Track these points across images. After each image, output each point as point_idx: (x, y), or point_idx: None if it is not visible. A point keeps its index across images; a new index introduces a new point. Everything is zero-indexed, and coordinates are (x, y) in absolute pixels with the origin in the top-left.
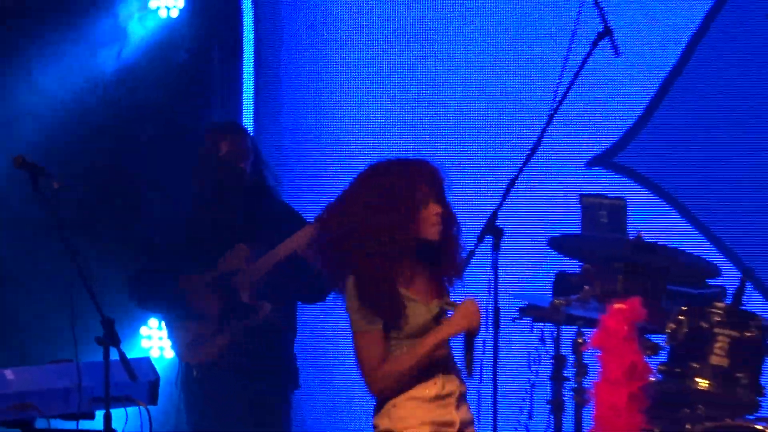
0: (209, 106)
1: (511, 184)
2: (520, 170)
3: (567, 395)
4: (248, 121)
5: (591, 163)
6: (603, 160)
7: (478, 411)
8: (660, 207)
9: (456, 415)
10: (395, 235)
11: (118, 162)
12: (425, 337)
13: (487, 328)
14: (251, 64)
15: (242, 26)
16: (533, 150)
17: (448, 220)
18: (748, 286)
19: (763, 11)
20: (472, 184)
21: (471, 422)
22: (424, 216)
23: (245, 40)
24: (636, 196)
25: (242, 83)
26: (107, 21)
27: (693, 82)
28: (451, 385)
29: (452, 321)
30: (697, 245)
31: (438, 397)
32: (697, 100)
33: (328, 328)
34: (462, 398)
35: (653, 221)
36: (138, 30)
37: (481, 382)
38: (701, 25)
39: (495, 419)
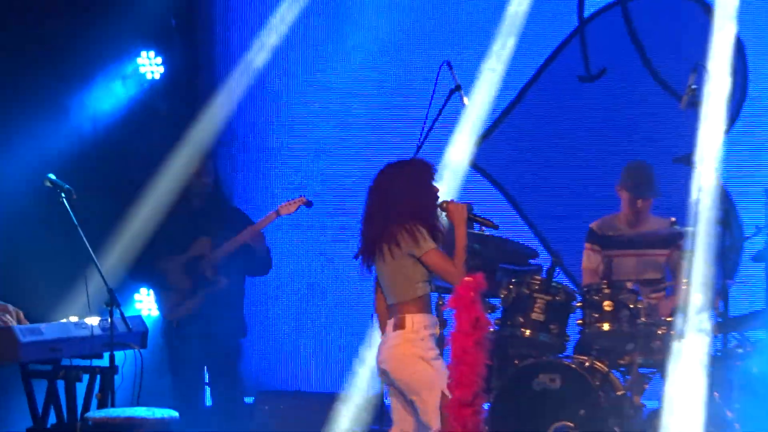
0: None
1: None
2: None
3: None
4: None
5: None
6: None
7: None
8: (500, 201)
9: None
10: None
11: (118, 182)
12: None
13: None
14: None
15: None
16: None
17: None
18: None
19: None
20: None
21: None
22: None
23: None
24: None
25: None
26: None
27: (534, 103)
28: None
29: (457, 223)
30: (524, 233)
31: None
32: (539, 115)
33: (271, 294)
34: None
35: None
36: (128, 89)
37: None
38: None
39: None
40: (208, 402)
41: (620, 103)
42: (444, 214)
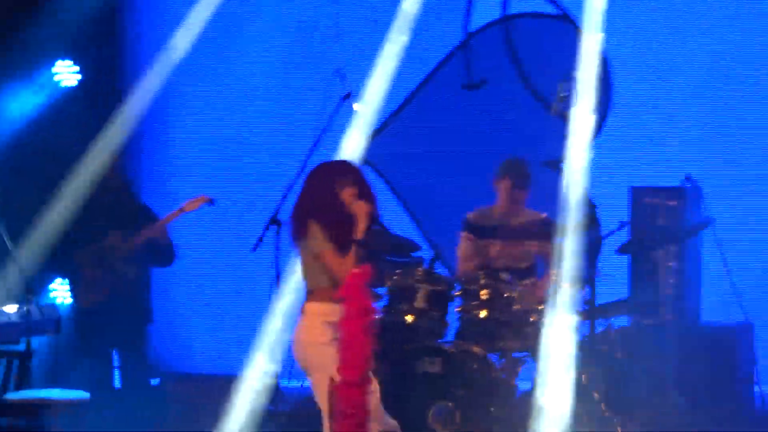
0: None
1: (289, 188)
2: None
3: None
4: None
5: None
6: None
7: None
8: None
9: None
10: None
11: (37, 179)
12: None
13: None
14: None
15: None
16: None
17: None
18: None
19: None
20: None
21: None
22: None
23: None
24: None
25: None
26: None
27: (423, 104)
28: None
29: (358, 221)
30: (408, 227)
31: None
32: (428, 116)
33: (175, 282)
34: None
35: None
36: (43, 96)
37: None
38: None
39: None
40: (118, 384)
41: (500, 110)
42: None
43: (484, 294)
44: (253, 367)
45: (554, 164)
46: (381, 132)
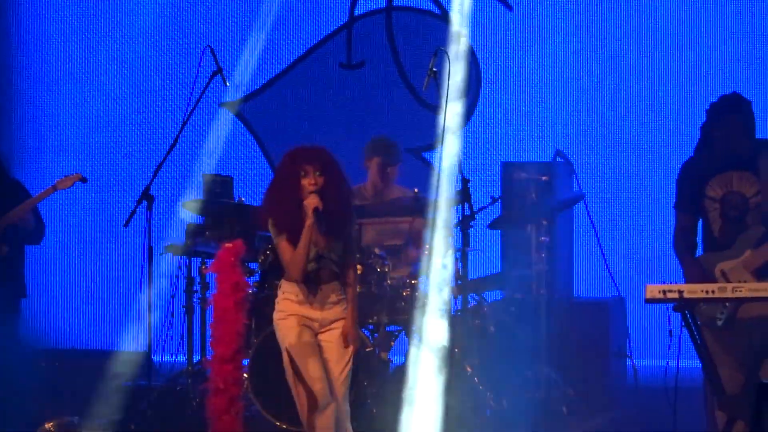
0: None
1: (160, 163)
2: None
3: (196, 302)
4: None
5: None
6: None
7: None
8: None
9: (319, 314)
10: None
11: None
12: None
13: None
14: None
15: None
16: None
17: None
18: None
19: None
20: None
21: (337, 319)
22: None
23: None
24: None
25: None
26: None
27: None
28: (318, 295)
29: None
30: None
31: (302, 301)
32: (305, 90)
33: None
34: (327, 302)
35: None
36: None
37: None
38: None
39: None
40: None
41: (373, 93)
42: None
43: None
44: (127, 341)
45: (417, 151)
46: (257, 94)
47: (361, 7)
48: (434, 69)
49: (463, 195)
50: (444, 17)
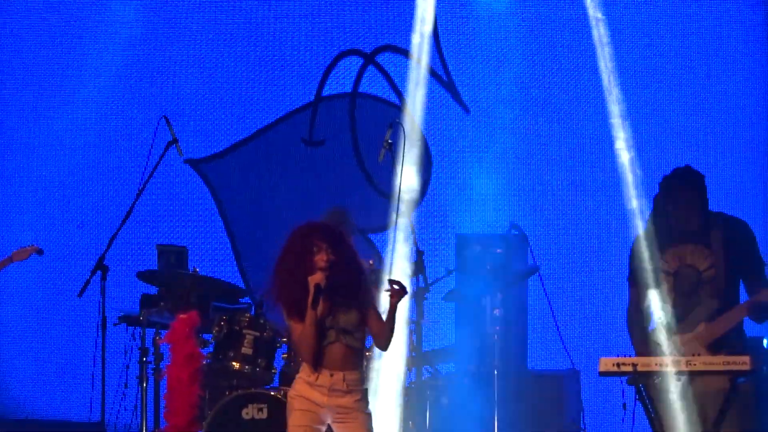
0: None
1: (115, 233)
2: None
3: (150, 373)
4: None
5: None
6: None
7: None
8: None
9: (327, 401)
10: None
11: None
12: None
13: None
14: None
15: None
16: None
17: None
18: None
19: None
20: None
21: (346, 410)
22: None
23: None
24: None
25: None
26: None
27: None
28: (325, 378)
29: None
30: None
31: (312, 384)
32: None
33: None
34: (336, 389)
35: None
36: None
37: None
38: None
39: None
40: None
41: (330, 171)
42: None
43: None
44: (80, 412)
45: (365, 232)
46: (221, 156)
47: (329, 88)
48: (389, 141)
49: (418, 267)
50: (402, 108)
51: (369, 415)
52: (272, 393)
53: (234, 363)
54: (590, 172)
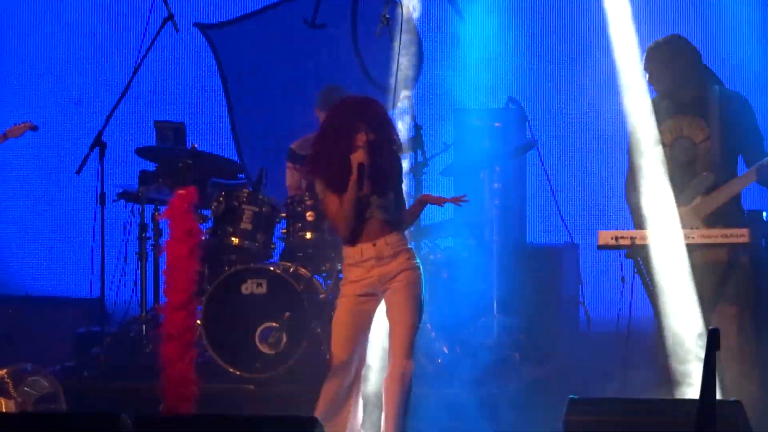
0: None
1: (112, 110)
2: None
3: (149, 249)
4: None
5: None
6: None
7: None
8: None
9: (376, 272)
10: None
11: None
12: None
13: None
14: None
15: None
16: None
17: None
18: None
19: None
20: None
21: (397, 272)
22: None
23: None
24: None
25: None
26: None
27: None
28: (369, 251)
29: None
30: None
31: (358, 263)
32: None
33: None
34: (383, 256)
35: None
36: None
37: None
38: None
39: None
40: None
41: (326, 56)
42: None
43: (309, 216)
44: (80, 289)
45: None
46: (229, 25)
47: None
48: (387, 16)
49: (416, 142)
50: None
51: (418, 269)
52: (271, 268)
53: (233, 238)
54: (588, 46)
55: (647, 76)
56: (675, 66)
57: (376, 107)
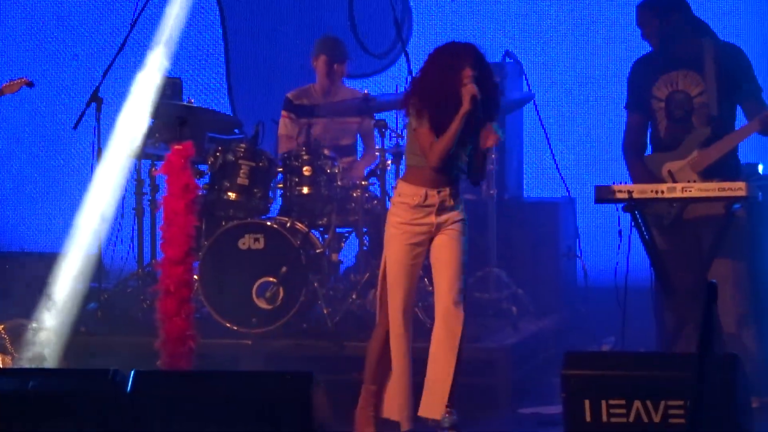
0: None
1: (109, 65)
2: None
3: (146, 204)
4: None
5: None
6: None
7: None
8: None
9: (434, 219)
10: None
11: None
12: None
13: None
14: None
15: None
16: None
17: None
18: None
19: None
20: None
21: (452, 221)
22: None
23: None
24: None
25: None
26: None
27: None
28: (433, 197)
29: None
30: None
31: (419, 206)
32: None
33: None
34: (444, 207)
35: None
36: None
37: None
38: None
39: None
40: None
41: (326, 21)
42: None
43: (306, 170)
44: (77, 242)
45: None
46: None
47: None
48: None
49: None
50: None
51: (464, 222)
52: (268, 223)
53: (230, 193)
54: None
55: (641, 31)
56: (666, 19)
57: (479, 50)
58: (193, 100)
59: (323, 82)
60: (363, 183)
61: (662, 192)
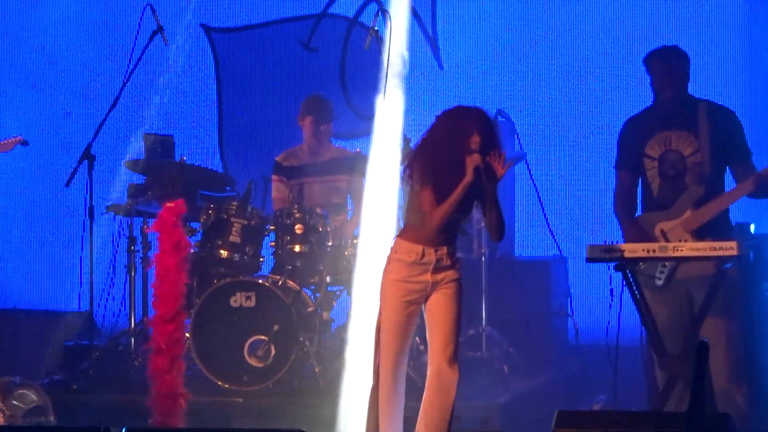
0: None
1: (101, 123)
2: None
3: (138, 262)
4: None
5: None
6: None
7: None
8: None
9: (430, 277)
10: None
11: None
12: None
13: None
14: None
15: None
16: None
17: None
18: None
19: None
20: None
21: (448, 280)
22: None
23: None
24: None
25: None
26: None
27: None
28: (430, 255)
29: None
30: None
31: (415, 263)
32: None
33: None
34: (440, 266)
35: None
36: None
37: None
38: None
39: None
40: None
41: (315, 79)
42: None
43: (298, 229)
44: (68, 302)
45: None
46: (234, 31)
47: (336, 7)
48: (375, 29)
49: (405, 153)
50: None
51: (460, 281)
52: (260, 281)
53: (222, 251)
54: (579, 59)
55: (663, 81)
56: (673, 78)
57: (488, 115)
58: (185, 158)
59: (310, 142)
60: (354, 241)
61: (654, 251)
